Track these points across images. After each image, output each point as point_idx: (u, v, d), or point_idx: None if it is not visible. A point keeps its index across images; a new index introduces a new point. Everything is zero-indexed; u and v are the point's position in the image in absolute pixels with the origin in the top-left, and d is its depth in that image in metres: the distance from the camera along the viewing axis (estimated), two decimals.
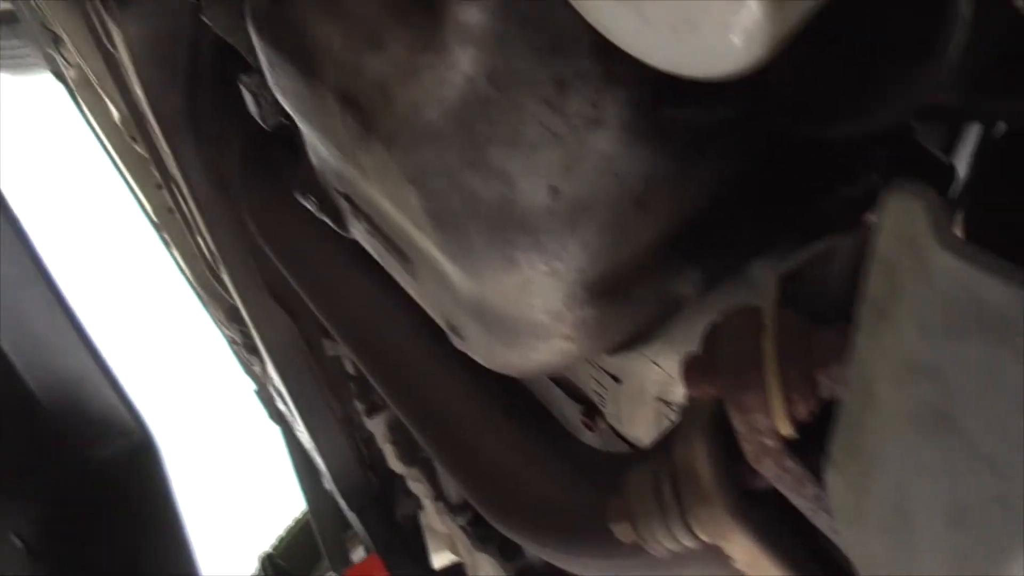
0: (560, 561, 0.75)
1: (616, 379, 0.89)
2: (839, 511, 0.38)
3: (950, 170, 0.57)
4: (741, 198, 0.62)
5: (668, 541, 0.57)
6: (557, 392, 1.02)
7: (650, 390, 0.86)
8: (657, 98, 0.54)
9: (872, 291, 0.28)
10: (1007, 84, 0.39)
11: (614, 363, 0.87)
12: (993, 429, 0.26)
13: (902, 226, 0.25)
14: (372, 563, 1.58)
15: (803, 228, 0.67)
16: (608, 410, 0.95)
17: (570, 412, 1.02)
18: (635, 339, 0.79)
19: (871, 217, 0.63)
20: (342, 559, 1.79)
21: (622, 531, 0.59)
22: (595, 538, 0.68)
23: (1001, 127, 0.63)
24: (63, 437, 1.16)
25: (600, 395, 0.94)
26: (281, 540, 2.36)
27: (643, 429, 0.92)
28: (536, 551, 0.78)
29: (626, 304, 0.63)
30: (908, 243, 0.26)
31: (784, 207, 0.65)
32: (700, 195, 0.59)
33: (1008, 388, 0.24)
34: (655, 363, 0.83)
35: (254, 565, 1.96)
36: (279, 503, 2.57)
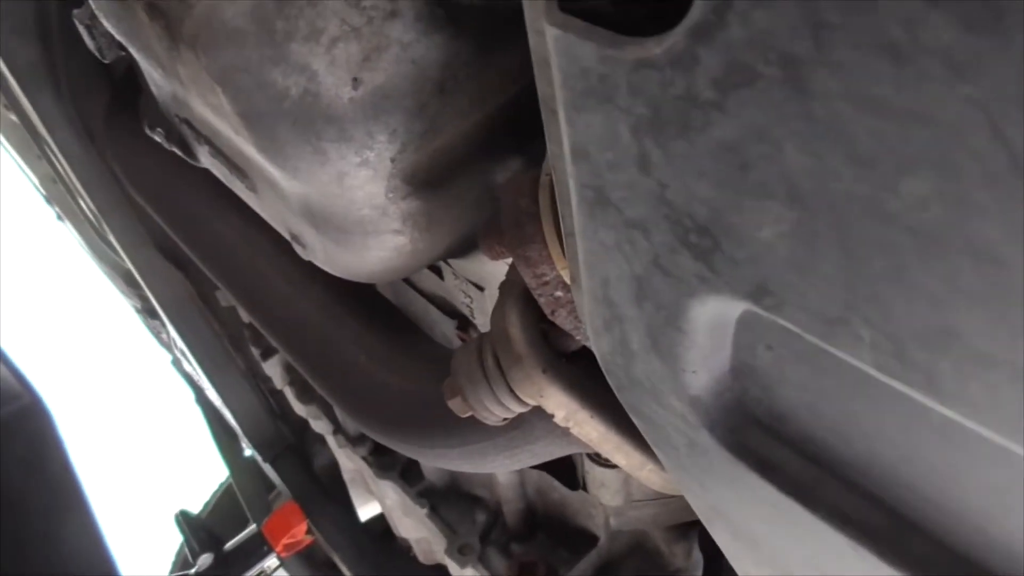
0: (423, 456, 0.79)
1: (479, 287, 0.93)
2: (587, 326, 0.42)
3: None
4: None
5: (496, 407, 0.61)
6: (435, 313, 1.05)
7: None
8: None
9: (541, 90, 0.31)
10: None
11: (474, 270, 0.91)
12: (630, 194, 0.29)
13: (534, 16, 0.29)
14: (289, 509, 1.60)
15: None
16: (478, 320, 0.98)
17: (448, 329, 1.05)
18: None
19: None
20: (264, 513, 1.80)
21: (456, 406, 0.63)
22: (443, 425, 0.72)
23: None
24: None
25: (469, 307, 0.98)
26: (206, 505, 2.37)
27: None
28: (402, 450, 0.82)
29: (450, 194, 0.66)
30: (541, 32, 0.29)
31: None
32: (506, 82, 0.62)
33: (624, 147, 0.28)
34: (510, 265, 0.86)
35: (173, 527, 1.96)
36: (206, 473, 2.57)
